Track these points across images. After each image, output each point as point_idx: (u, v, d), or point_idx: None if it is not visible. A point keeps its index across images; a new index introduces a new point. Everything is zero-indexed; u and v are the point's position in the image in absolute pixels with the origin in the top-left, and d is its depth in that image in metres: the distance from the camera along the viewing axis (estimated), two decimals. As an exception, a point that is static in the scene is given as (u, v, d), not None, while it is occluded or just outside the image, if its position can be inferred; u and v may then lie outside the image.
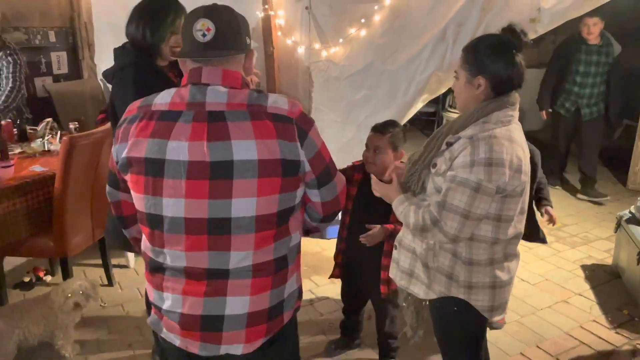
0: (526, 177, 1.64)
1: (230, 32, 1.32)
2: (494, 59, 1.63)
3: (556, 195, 4.93)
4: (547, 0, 2.85)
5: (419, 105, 3.37)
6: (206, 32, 1.29)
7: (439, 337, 1.92)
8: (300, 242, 1.48)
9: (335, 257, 2.54)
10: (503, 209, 1.63)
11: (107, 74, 2.11)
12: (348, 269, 2.52)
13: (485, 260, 1.69)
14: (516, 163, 1.59)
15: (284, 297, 1.41)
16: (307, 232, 1.58)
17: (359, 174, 2.41)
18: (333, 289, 3.10)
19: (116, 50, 2.10)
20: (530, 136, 1.91)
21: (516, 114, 1.67)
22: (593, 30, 4.32)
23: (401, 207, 1.74)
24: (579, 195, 4.82)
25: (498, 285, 1.72)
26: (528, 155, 1.67)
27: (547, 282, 3.38)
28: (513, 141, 1.61)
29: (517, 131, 1.66)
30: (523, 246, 4.12)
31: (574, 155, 5.05)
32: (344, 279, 2.59)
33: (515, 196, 1.64)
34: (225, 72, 1.32)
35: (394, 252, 1.91)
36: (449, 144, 1.65)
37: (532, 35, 2.97)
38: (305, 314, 2.97)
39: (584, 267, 3.58)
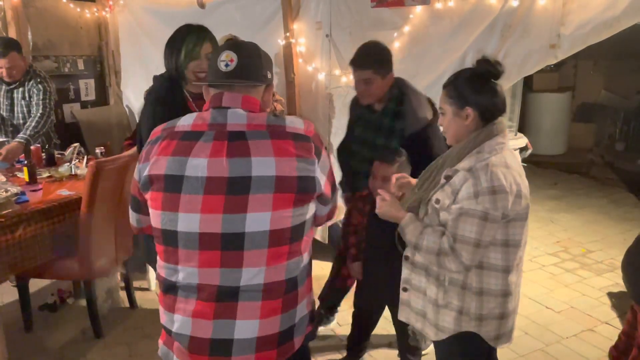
0: (526, 201, 1.67)
1: (252, 63, 1.41)
2: (477, 89, 1.69)
3: (580, 220, 4.86)
4: (566, 27, 2.85)
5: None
6: (229, 63, 1.38)
7: None
8: (310, 264, 1.49)
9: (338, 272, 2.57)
10: (509, 234, 1.66)
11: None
12: (365, 285, 2.50)
13: (496, 291, 1.69)
14: (515, 188, 1.62)
15: (294, 321, 1.40)
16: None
17: (367, 205, 2.43)
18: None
19: (154, 77, 2.22)
20: (551, 161, 1.90)
21: (506, 140, 1.71)
22: (371, 90, 2.42)
23: (412, 225, 1.72)
24: None
25: (505, 315, 1.72)
26: (525, 179, 1.69)
27: (573, 310, 3.29)
28: (509, 167, 1.64)
29: (510, 157, 1.69)
30: (547, 272, 3.99)
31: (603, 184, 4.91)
32: (359, 288, 2.56)
33: (519, 220, 1.66)
34: (245, 97, 1.39)
35: (403, 295, 1.86)
36: (448, 177, 1.68)
37: (552, 61, 2.98)
38: (325, 339, 2.95)
39: (611, 295, 3.49)
